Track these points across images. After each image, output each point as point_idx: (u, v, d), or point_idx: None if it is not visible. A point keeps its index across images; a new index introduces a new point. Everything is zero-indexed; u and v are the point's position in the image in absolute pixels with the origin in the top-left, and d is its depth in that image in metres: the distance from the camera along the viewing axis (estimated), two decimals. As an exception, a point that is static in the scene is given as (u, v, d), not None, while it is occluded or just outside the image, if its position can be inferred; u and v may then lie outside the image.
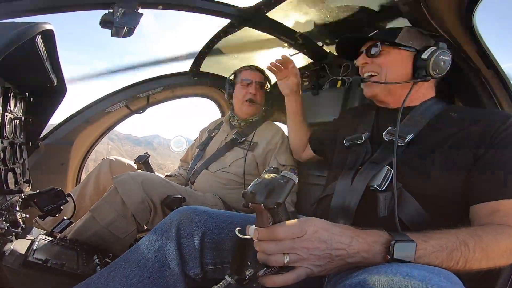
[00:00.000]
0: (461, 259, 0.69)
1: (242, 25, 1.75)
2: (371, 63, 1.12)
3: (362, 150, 1.07)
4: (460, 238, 0.71)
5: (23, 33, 0.88)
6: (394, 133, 1.00)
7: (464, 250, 0.69)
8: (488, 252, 0.71)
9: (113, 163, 1.84)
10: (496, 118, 0.92)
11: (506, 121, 0.89)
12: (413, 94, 1.09)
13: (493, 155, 0.86)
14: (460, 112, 1.01)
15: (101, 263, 1.22)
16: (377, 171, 0.96)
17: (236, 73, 1.91)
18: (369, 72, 1.13)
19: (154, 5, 1.39)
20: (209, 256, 0.95)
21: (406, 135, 0.99)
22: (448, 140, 0.93)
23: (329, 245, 0.68)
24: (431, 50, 1.05)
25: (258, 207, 0.69)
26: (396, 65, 1.10)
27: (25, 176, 1.36)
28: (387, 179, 0.93)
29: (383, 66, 1.10)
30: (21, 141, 1.34)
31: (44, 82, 1.26)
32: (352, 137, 1.15)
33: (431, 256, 0.68)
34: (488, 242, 0.71)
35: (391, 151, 0.95)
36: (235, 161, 1.75)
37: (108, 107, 2.01)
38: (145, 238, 0.97)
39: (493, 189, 0.83)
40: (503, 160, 0.85)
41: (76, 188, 1.79)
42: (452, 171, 0.89)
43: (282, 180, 0.70)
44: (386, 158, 0.98)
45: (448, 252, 0.69)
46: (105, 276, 0.90)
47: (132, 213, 1.38)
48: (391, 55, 1.10)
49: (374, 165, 0.98)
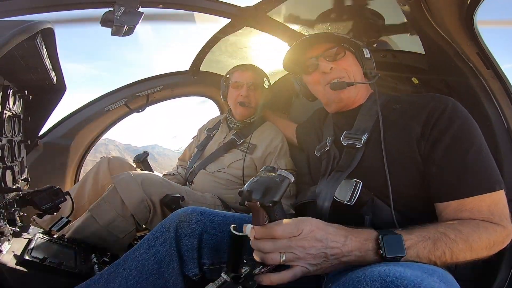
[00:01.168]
0: (446, 249, 0.71)
1: (242, 24, 1.75)
2: (336, 67, 1.08)
3: (330, 156, 1.09)
4: (440, 230, 0.74)
5: (23, 31, 0.88)
6: (350, 136, 1.04)
7: (447, 240, 0.72)
8: (470, 243, 0.73)
9: (112, 162, 1.83)
10: (434, 108, 0.91)
11: (445, 111, 0.89)
12: (358, 93, 1.12)
13: (443, 152, 0.86)
14: (402, 103, 1.02)
15: (99, 262, 1.22)
16: (340, 182, 0.97)
17: (229, 73, 1.84)
18: (337, 78, 1.07)
19: (155, 4, 1.39)
20: (207, 256, 0.95)
21: (361, 136, 1.01)
22: (399, 136, 0.94)
23: (325, 244, 0.70)
24: (366, 50, 1.10)
25: (254, 205, 0.70)
26: (355, 66, 1.11)
27: (23, 174, 1.35)
28: (356, 191, 0.94)
29: (348, 69, 1.09)
30: (20, 139, 1.34)
31: (44, 80, 1.26)
32: (320, 145, 1.17)
33: (418, 245, 0.71)
34: (468, 234, 0.74)
35: (352, 156, 0.99)
36: (234, 163, 1.73)
37: (107, 105, 2.01)
38: (144, 239, 0.97)
39: (452, 189, 0.84)
40: (455, 157, 0.84)
41: (75, 187, 1.79)
42: (408, 169, 0.90)
43: (278, 178, 0.71)
44: (349, 165, 0.99)
45: (432, 242, 0.71)
46: (105, 277, 0.90)
47: (132, 212, 1.38)
48: (349, 57, 1.11)
49: (339, 173, 0.99)
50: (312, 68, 1.14)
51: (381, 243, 0.69)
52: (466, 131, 0.86)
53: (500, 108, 1.19)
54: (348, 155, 1.02)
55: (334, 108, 1.18)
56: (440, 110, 0.89)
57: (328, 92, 1.11)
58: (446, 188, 0.85)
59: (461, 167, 0.83)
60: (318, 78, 1.13)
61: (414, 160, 0.90)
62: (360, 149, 0.99)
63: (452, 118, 0.87)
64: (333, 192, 0.96)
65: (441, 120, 0.88)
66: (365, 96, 1.15)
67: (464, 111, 0.90)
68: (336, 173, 1.00)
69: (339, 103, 1.13)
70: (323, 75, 1.10)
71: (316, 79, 1.14)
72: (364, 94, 1.14)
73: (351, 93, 1.10)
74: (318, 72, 1.12)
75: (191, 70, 2.23)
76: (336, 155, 1.08)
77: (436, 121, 0.88)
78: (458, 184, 0.83)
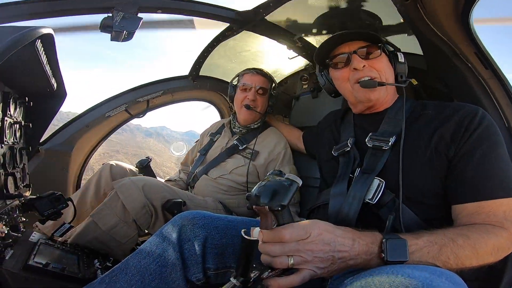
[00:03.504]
0: (451, 255, 0.71)
1: (241, 28, 1.76)
2: (369, 65, 1.05)
3: (350, 157, 1.07)
4: (448, 235, 0.74)
5: (23, 37, 0.88)
6: (376, 138, 1.02)
7: (453, 246, 0.72)
8: (477, 249, 0.73)
9: (114, 168, 1.83)
10: (464, 115, 0.92)
11: (475, 118, 0.90)
12: (387, 96, 1.10)
13: (468, 155, 0.86)
14: (433, 108, 1.01)
15: (102, 267, 1.22)
16: (370, 183, 0.95)
17: (238, 76, 1.85)
18: (368, 76, 1.04)
19: (154, 10, 1.40)
20: (212, 261, 0.95)
21: (388, 138, 0.99)
22: (425, 141, 0.93)
23: (333, 247, 0.69)
24: (401, 54, 1.08)
25: (262, 209, 0.70)
26: (388, 68, 1.08)
27: (25, 180, 1.36)
28: (379, 191, 0.93)
29: (380, 70, 1.05)
30: (21, 145, 1.34)
31: (44, 87, 1.27)
32: (339, 146, 1.14)
33: (423, 250, 0.71)
34: (475, 240, 0.74)
35: (378, 158, 0.97)
36: (236, 169, 1.72)
37: (108, 111, 2.02)
38: (146, 244, 0.96)
39: (472, 191, 0.84)
40: (478, 161, 0.85)
41: (77, 193, 1.79)
42: (431, 173, 0.90)
43: (286, 182, 0.71)
44: (375, 166, 0.97)
45: (439, 247, 0.71)
46: (106, 282, 0.89)
47: (133, 218, 1.38)
48: (384, 58, 1.08)
49: (366, 175, 0.97)
50: (343, 64, 1.09)
51: (384, 247, 0.69)
52: (490, 137, 0.88)
53: (500, 107, 1.19)
54: (374, 157, 1.00)
55: (360, 108, 1.15)
56: (469, 117, 0.90)
57: (356, 90, 1.07)
58: (467, 189, 0.85)
59: (482, 171, 0.84)
60: (347, 74, 1.09)
61: (438, 167, 0.90)
62: (387, 151, 0.97)
63: (480, 124, 0.89)
64: (363, 194, 0.93)
65: (470, 127, 0.89)
66: (392, 100, 1.12)
67: (490, 119, 0.91)
68: (363, 174, 0.98)
69: (367, 103, 1.09)
70: (354, 72, 1.06)
71: (345, 76, 1.10)
72: (391, 97, 1.12)
73: (380, 94, 1.06)
74: (349, 68, 1.07)
75: (191, 75, 2.24)
76: (356, 156, 1.05)
77: (466, 128, 0.89)
78: (478, 186, 0.83)
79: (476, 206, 0.82)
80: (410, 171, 0.91)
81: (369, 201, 0.92)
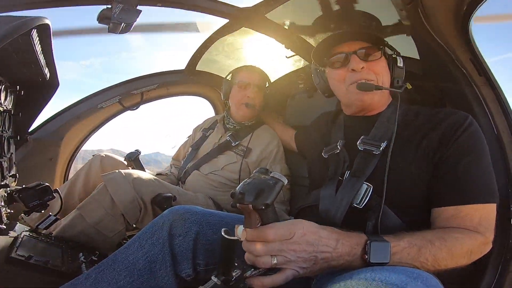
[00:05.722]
0: (429, 256, 0.73)
1: (240, 25, 1.74)
2: (366, 68, 1.02)
3: (340, 159, 1.06)
4: (426, 238, 0.76)
5: (18, 27, 0.87)
6: (368, 142, 1.01)
7: (431, 247, 0.74)
8: (452, 252, 0.76)
9: (104, 160, 1.80)
10: (453, 121, 0.93)
11: (463, 125, 0.91)
12: (381, 99, 1.09)
13: (451, 161, 0.88)
14: (425, 115, 1.01)
15: (87, 261, 1.19)
16: (359, 188, 0.94)
17: (233, 73, 1.83)
18: (364, 79, 1.02)
19: (153, 2, 1.38)
20: (202, 257, 0.94)
21: (379, 143, 0.98)
22: (414, 147, 0.94)
23: (316, 248, 0.70)
24: (400, 58, 1.07)
25: (246, 208, 0.69)
26: (386, 72, 1.07)
27: (11, 170, 1.32)
28: (366, 195, 0.93)
29: (378, 73, 1.03)
30: (9, 134, 1.31)
31: (36, 76, 1.25)
32: (329, 148, 1.12)
33: (403, 252, 0.73)
34: (451, 243, 0.77)
35: (368, 163, 0.97)
36: (228, 165, 1.71)
37: (100, 102, 1.98)
38: (135, 238, 0.95)
39: (452, 195, 0.86)
40: (459, 167, 0.87)
41: (65, 185, 1.75)
42: (419, 179, 0.91)
43: (271, 181, 0.71)
44: (365, 171, 0.96)
45: (417, 249, 0.73)
46: (93, 277, 0.87)
47: (122, 211, 1.35)
48: (383, 61, 1.07)
49: (355, 179, 0.97)
50: (341, 64, 1.07)
51: (367, 248, 0.71)
52: (475, 144, 0.89)
53: (491, 115, 1.20)
54: (363, 161, 0.98)
55: (353, 110, 1.13)
56: (457, 124, 0.91)
57: (351, 92, 1.04)
58: (446, 194, 0.87)
59: (463, 177, 0.86)
60: (344, 75, 1.06)
61: (425, 173, 0.90)
62: (377, 156, 0.96)
63: (465, 131, 0.90)
64: (350, 198, 0.93)
65: (456, 133, 0.90)
66: (385, 103, 1.10)
67: (477, 126, 0.92)
68: (352, 178, 0.97)
69: (360, 106, 1.08)
70: (351, 73, 1.03)
71: (341, 76, 1.07)
72: (385, 101, 1.10)
73: (375, 98, 1.05)
74: (347, 69, 1.04)
75: (187, 69, 2.21)
76: (346, 159, 1.04)
77: (452, 134, 0.90)
78: (458, 191, 0.85)
79: (454, 210, 0.84)
80: (397, 177, 0.91)
81: (357, 205, 0.92)
